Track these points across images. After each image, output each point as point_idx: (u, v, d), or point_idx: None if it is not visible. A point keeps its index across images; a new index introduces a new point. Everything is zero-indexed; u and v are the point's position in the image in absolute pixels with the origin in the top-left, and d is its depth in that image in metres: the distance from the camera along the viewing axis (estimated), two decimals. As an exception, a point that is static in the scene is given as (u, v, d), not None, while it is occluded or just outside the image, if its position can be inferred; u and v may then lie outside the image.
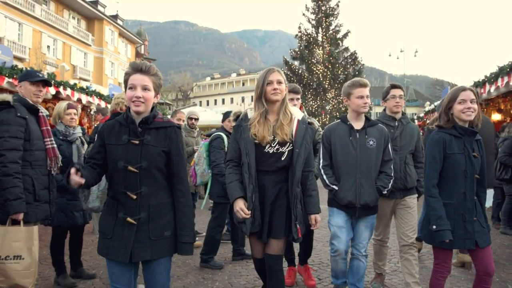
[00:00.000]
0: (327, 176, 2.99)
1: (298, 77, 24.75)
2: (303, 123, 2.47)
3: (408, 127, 3.37)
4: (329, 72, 24.49)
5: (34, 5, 26.31)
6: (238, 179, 2.46)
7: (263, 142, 2.38)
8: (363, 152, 2.91)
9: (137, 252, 1.99)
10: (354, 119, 3.01)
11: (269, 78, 2.42)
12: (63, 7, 30.29)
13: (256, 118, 2.43)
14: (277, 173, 2.45)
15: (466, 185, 2.53)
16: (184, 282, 3.72)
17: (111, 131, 2.08)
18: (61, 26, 28.90)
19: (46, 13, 27.57)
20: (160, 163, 2.06)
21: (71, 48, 30.41)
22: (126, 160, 2.00)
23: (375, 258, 3.61)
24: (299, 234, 2.42)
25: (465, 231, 2.50)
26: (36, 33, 26.90)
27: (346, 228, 2.97)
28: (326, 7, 25.41)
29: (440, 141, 2.57)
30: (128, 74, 2.06)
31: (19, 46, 24.89)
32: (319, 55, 25.06)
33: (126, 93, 2.05)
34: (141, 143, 2.02)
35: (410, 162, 3.33)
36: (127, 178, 2.01)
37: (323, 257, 4.50)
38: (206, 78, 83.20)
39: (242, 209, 2.35)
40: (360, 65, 25.20)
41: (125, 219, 1.99)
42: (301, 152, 2.41)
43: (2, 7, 23.79)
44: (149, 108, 2.08)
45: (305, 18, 25.93)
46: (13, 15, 24.74)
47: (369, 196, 2.87)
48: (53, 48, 28.82)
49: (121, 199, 2.03)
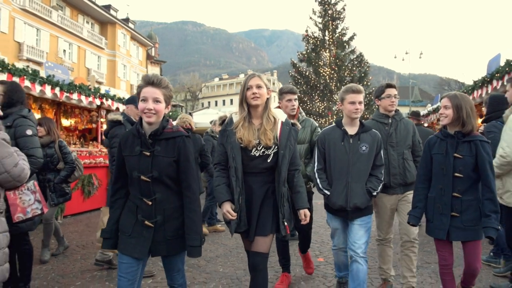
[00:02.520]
0: (320, 180, 3.06)
1: (306, 79, 25.26)
2: (286, 125, 2.53)
3: (402, 123, 3.41)
4: (335, 74, 25.00)
5: (51, 11, 27.37)
6: (225, 183, 2.52)
7: (249, 146, 2.44)
8: (355, 157, 2.95)
9: (155, 249, 2.17)
10: (348, 124, 3.05)
11: (248, 83, 2.49)
12: (77, 12, 31.31)
13: (239, 122, 2.49)
14: (264, 174, 2.50)
15: (443, 182, 2.74)
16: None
17: (126, 142, 2.21)
18: (76, 30, 29.95)
19: (62, 19, 28.60)
20: (170, 172, 2.17)
21: (85, 52, 31.43)
22: (139, 170, 2.13)
23: (379, 261, 3.52)
24: (287, 231, 2.48)
25: (440, 222, 2.73)
26: (53, 38, 27.98)
27: (342, 230, 3.13)
28: (333, 10, 25.93)
29: (427, 144, 2.90)
30: (140, 87, 2.18)
31: (37, 51, 25.98)
32: (326, 58, 25.53)
33: (139, 105, 2.17)
34: (152, 154, 2.13)
35: (409, 157, 3.36)
36: (141, 186, 2.15)
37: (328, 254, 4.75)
38: (215, 79, 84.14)
39: (228, 211, 2.42)
40: (366, 67, 25.68)
41: (143, 221, 2.15)
42: (286, 153, 2.47)
43: (21, 14, 24.88)
44: (160, 119, 2.19)
45: (312, 22, 26.46)
46: (31, 21, 25.83)
47: (359, 199, 2.90)
48: (68, 52, 29.88)
49: (138, 203, 2.18)
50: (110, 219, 2.24)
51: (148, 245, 2.14)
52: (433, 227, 2.78)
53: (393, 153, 3.30)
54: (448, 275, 2.79)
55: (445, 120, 2.75)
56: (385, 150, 3.28)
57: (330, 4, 25.96)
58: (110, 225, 2.23)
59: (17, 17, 24.60)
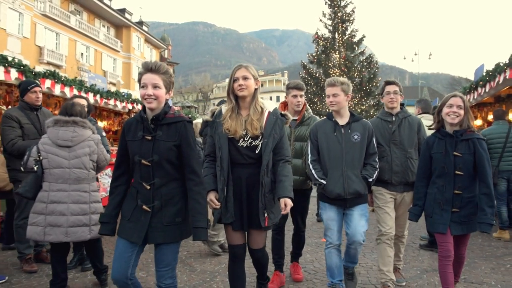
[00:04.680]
0: (315, 170, 3.08)
1: (315, 80, 25.66)
2: (273, 115, 2.51)
3: (407, 120, 3.39)
4: (345, 76, 25.34)
5: (69, 16, 28.41)
6: (212, 173, 2.53)
7: (236, 136, 2.44)
8: (348, 146, 3.02)
9: (151, 235, 2.16)
10: (337, 115, 3.13)
11: (235, 74, 2.48)
12: (94, 16, 32.33)
13: (227, 113, 2.50)
14: (252, 166, 2.48)
15: (445, 179, 2.84)
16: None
17: (130, 128, 2.26)
18: (93, 34, 30.95)
19: (79, 23, 29.63)
20: (171, 156, 2.18)
21: (102, 55, 32.44)
22: (140, 154, 2.17)
23: (380, 263, 3.36)
24: (266, 223, 2.42)
25: (441, 217, 2.83)
26: (72, 42, 29.02)
27: (337, 220, 3.08)
28: (342, 13, 26.33)
29: (425, 143, 3.02)
30: (140, 74, 2.21)
31: (57, 55, 27.01)
32: (336, 59, 25.91)
33: (140, 91, 2.20)
34: (153, 139, 2.17)
35: (414, 156, 3.33)
36: (142, 170, 2.19)
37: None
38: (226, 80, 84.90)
39: (212, 200, 2.43)
40: (375, 69, 26.04)
41: (141, 206, 2.18)
42: (269, 142, 2.44)
43: (42, 19, 25.94)
44: (161, 104, 2.21)
45: (322, 24, 26.86)
46: (51, 26, 26.90)
47: (358, 185, 2.98)
48: (86, 55, 30.88)
49: (139, 188, 2.22)
50: (109, 205, 2.29)
51: (145, 229, 2.15)
52: (433, 222, 2.88)
53: (396, 150, 3.31)
54: (448, 268, 2.84)
55: (457, 119, 2.81)
56: (388, 147, 3.33)
57: (339, 7, 26.36)
58: (109, 211, 2.28)
59: (38, 22, 25.67)
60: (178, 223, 2.19)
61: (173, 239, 2.19)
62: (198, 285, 3.61)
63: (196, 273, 3.96)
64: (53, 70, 5.50)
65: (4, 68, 4.53)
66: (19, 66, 4.70)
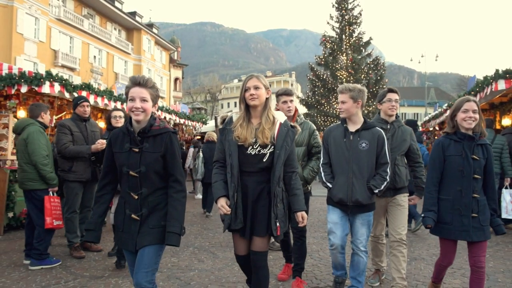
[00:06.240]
0: (324, 174, 3.19)
1: (323, 82, 25.97)
2: (284, 126, 2.54)
3: (400, 130, 3.48)
4: (352, 77, 25.64)
5: (82, 20, 29.23)
6: (223, 179, 2.54)
7: (246, 144, 2.47)
8: (355, 154, 3.03)
9: (139, 240, 2.24)
10: (349, 121, 3.17)
11: (246, 84, 2.55)
12: (106, 19, 33.18)
13: (238, 121, 2.54)
14: (260, 174, 2.50)
15: (462, 184, 2.74)
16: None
17: (116, 139, 2.32)
18: (105, 37, 31.78)
19: (92, 27, 30.45)
20: (157, 167, 2.27)
21: (113, 57, 33.26)
22: (128, 166, 2.24)
23: (373, 254, 3.70)
24: (277, 232, 2.45)
25: (461, 224, 2.72)
26: (85, 45, 29.86)
27: (341, 224, 3.10)
28: (350, 15, 26.71)
29: (439, 145, 2.87)
30: (128, 87, 2.27)
31: (71, 58, 27.85)
32: (343, 61, 26.25)
33: (127, 104, 2.26)
34: (140, 151, 2.25)
35: (400, 163, 3.44)
36: (129, 181, 2.26)
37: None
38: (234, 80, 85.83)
39: (223, 206, 2.44)
40: (382, 71, 26.38)
41: (130, 215, 2.26)
42: (282, 154, 2.47)
43: (57, 23, 26.78)
44: (148, 117, 2.28)
45: (329, 26, 27.25)
46: (65, 30, 27.75)
47: (361, 195, 2.98)
48: (98, 58, 31.72)
49: (126, 198, 2.30)
50: (95, 213, 2.35)
51: (136, 237, 2.24)
52: (453, 229, 2.77)
53: None
54: (444, 273, 3.01)
55: (473, 124, 2.76)
56: None
57: (347, 10, 26.75)
58: (95, 219, 2.33)
59: (53, 27, 26.51)
60: (163, 226, 2.24)
61: (157, 241, 2.24)
62: (222, 268, 4.25)
63: (219, 259, 4.63)
64: (88, 83, 6.13)
65: (50, 82, 5.16)
66: (61, 81, 5.32)
